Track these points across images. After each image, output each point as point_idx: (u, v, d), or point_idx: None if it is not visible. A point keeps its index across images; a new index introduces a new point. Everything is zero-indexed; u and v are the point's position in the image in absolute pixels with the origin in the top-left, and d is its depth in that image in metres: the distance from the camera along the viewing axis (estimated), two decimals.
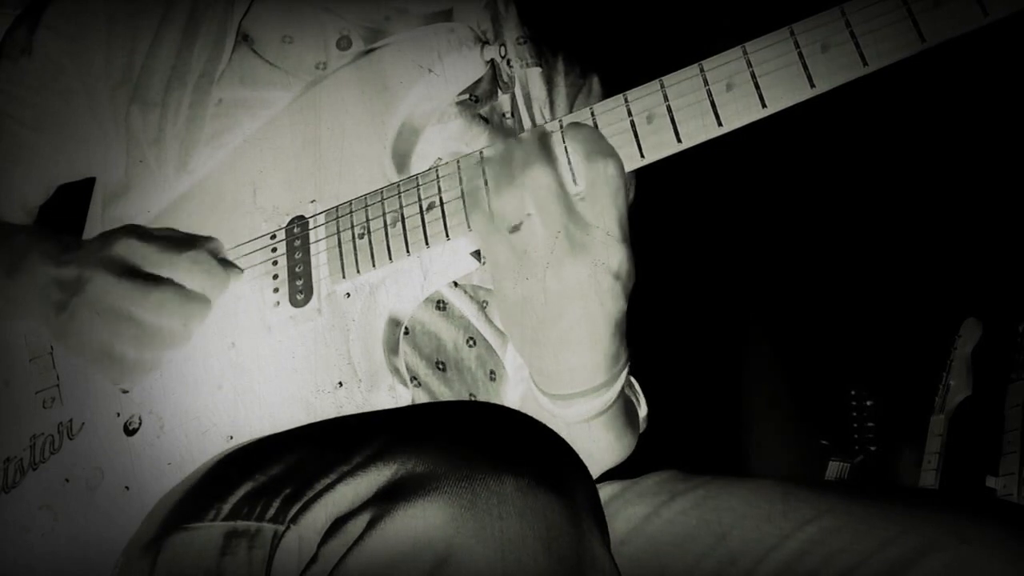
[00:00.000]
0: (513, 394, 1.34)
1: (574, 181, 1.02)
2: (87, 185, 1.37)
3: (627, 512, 1.23)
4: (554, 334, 1.03)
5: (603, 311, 1.01)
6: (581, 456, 1.19)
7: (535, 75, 1.40)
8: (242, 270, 1.17)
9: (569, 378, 1.07)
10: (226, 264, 1.15)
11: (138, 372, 1.12)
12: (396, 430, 0.86)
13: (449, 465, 0.76)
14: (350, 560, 0.74)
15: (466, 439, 0.81)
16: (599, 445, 1.19)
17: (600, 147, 1.00)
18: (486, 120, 1.33)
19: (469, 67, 1.20)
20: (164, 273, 1.10)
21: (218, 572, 0.85)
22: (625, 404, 1.22)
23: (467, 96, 1.32)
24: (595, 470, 1.26)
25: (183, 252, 1.11)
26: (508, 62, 1.36)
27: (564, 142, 1.03)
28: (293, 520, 0.82)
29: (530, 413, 1.15)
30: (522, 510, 0.73)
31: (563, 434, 1.13)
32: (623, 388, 1.14)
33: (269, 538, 0.83)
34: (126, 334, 1.09)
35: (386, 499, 0.75)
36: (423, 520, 0.73)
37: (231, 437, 1.09)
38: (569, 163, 1.02)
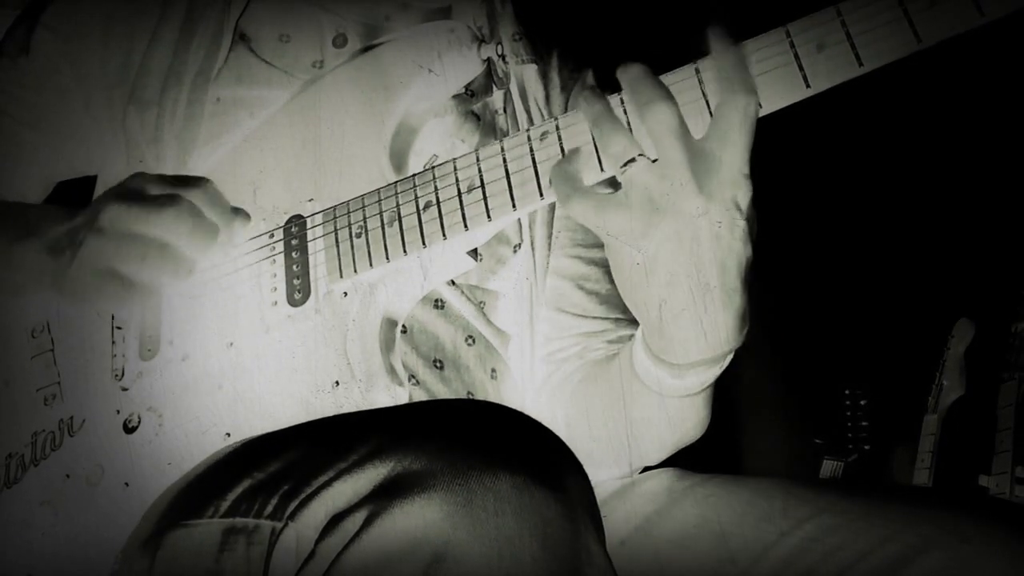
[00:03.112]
0: (511, 392, 1.34)
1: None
2: (86, 183, 1.37)
3: (626, 510, 1.23)
4: (683, 291, 0.98)
5: (735, 258, 0.97)
6: (672, 433, 1.18)
7: (531, 71, 1.40)
8: (250, 217, 1.19)
9: (699, 344, 1.02)
10: (235, 208, 1.18)
11: (138, 296, 1.13)
12: (393, 427, 0.86)
13: (445, 462, 0.76)
14: (347, 557, 0.74)
15: (462, 436, 0.81)
16: (694, 420, 1.18)
17: (745, 81, 0.95)
18: (478, 117, 1.33)
19: (468, 67, 1.20)
20: (177, 192, 1.12)
21: (217, 568, 0.85)
22: None
23: (463, 90, 1.32)
24: (677, 446, 1.25)
25: (195, 186, 1.14)
26: (504, 58, 1.36)
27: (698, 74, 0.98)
28: (291, 517, 0.82)
29: (604, 389, 1.16)
30: (518, 507, 0.74)
31: (655, 410, 1.12)
32: None
33: (267, 535, 0.83)
34: (133, 254, 1.10)
35: (383, 496, 0.75)
36: (419, 517, 0.73)
37: (228, 435, 1.10)
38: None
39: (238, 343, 1.15)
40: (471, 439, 0.80)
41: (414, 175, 1.12)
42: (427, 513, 0.73)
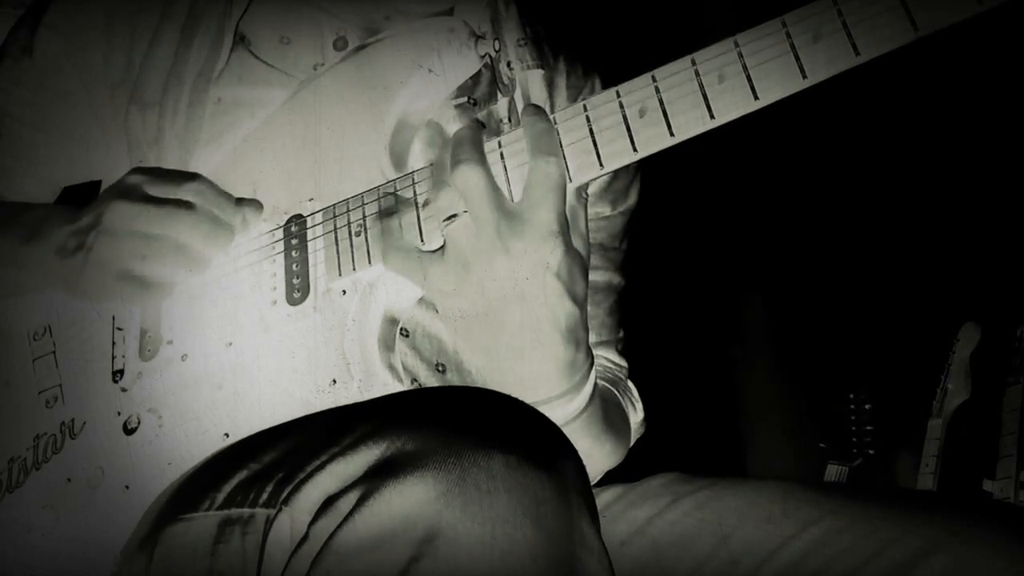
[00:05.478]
0: None
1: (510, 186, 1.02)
2: (91, 188, 1.37)
3: (630, 514, 1.23)
4: (500, 342, 1.02)
5: (547, 313, 1.00)
6: None
7: (536, 77, 1.39)
8: (262, 206, 1.20)
9: (522, 390, 1.04)
10: (246, 200, 1.19)
11: (155, 294, 1.15)
12: (386, 412, 0.86)
13: (438, 442, 0.76)
14: (339, 537, 0.74)
15: (456, 418, 0.81)
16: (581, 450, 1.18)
17: (545, 145, 1.00)
18: (483, 126, 1.33)
19: (467, 64, 1.21)
20: (188, 197, 1.14)
21: (213, 561, 0.85)
22: (604, 408, 1.20)
23: (466, 99, 1.32)
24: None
25: (200, 185, 1.16)
26: (508, 64, 1.36)
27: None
28: (285, 502, 0.82)
29: None
30: (511, 486, 0.73)
31: None
32: (593, 394, 1.12)
33: (262, 523, 0.83)
34: (148, 253, 1.12)
35: (376, 476, 0.75)
36: (412, 496, 0.73)
37: (228, 435, 1.10)
38: (506, 170, 1.03)
39: (238, 343, 1.15)
40: (465, 420, 0.80)
41: (412, 172, 1.12)
42: (420, 492, 0.73)
